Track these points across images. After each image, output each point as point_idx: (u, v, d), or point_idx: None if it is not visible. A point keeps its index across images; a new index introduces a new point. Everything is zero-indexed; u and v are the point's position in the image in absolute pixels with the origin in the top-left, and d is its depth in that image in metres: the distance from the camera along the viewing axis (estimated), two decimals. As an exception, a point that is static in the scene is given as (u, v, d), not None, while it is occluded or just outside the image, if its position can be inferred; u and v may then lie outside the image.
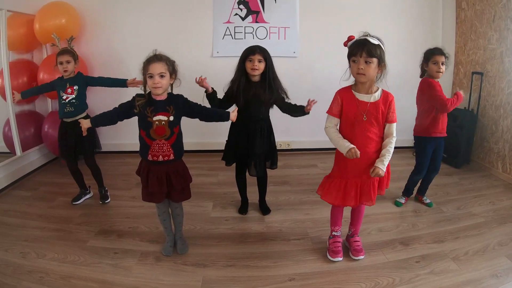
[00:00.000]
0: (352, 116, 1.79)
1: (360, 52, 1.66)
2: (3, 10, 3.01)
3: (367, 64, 1.67)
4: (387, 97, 1.79)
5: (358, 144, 1.78)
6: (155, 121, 1.82)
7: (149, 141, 1.85)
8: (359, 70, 1.68)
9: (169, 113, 1.84)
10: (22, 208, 2.70)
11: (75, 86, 2.59)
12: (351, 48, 1.72)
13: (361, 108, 1.77)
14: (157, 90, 1.80)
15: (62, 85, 2.58)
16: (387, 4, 3.88)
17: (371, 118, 1.78)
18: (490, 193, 2.97)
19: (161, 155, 1.87)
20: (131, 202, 2.80)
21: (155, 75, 1.78)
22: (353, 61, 1.71)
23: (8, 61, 3.15)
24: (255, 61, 2.22)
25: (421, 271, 1.93)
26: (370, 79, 1.73)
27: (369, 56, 1.65)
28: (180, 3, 3.77)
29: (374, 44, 1.66)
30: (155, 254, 2.10)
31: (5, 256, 2.07)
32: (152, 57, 1.82)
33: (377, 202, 2.69)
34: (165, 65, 1.81)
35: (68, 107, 2.58)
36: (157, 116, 1.82)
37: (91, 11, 3.70)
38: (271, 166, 2.49)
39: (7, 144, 3.32)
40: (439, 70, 2.43)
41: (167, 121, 1.83)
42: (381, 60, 1.69)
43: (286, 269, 1.97)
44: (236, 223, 2.49)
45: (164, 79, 1.80)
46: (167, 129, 1.84)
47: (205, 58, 3.87)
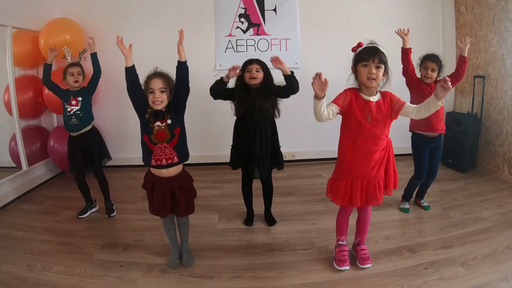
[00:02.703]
0: (359, 115, 1.80)
1: (372, 58, 1.73)
2: (8, 27, 3.08)
3: (377, 69, 1.74)
4: (385, 95, 1.84)
5: (361, 143, 1.82)
6: (155, 126, 1.87)
7: (152, 145, 1.88)
8: (370, 75, 1.74)
9: (165, 118, 1.88)
10: (29, 221, 2.72)
11: (79, 98, 2.63)
12: (362, 54, 1.77)
13: (367, 108, 1.80)
14: (157, 105, 1.86)
15: (67, 97, 2.63)
16: (387, 12, 3.92)
17: (374, 118, 1.80)
18: (497, 197, 2.94)
19: (164, 158, 1.88)
20: (137, 215, 2.81)
21: (156, 90, 1.84)
22: (364, 66, 1.76)
23: (14, 76, 3.21)
24: (253, 70, 2.28)
25: (429, 278, 1.91)
26: (377, 84, 1.79)
27: (380, 62, 1.73)
28: (183, 18, 3.83)
29: (383, 52, 1.76)
30: (161, 267, 2.10)
31: (12, 269, 2.08)
32: (153, 73, 1.91)
33: (383, 210, 2.72)
34: (165, 81, 1.88)
35: (73, 119, 2.61)
36: (156, 123, 1.87)
37: (95, 27, 3.77)
38: (278, 167, 2.48)
39: (13, 159, 3.35)
40: (426, 75, 2.52)
41: (166, 125, 1.88)
42: (386, 67, 1.77)
43: (292, 280, 1.95)
44: (242, 235, 2.48)
45: (164, 94, 1.87)
46: (167, 133, 1.88)
47: (208, 72, 3.88)
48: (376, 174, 1.86)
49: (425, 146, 2.61)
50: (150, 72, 1.93)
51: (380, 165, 1.85)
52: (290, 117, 2.32)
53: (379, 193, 1.88)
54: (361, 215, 2.07)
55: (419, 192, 2.83)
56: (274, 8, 3.83)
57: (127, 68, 1.92)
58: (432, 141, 2.61)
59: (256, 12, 3.82)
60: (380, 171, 1.86)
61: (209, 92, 2.36)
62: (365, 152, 1.82)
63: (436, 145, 2.62)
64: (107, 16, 3.80)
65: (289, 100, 2.41)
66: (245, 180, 2.54)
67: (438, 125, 2.56)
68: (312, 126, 3.88)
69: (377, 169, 1.85)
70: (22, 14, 3.33)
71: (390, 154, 1.89)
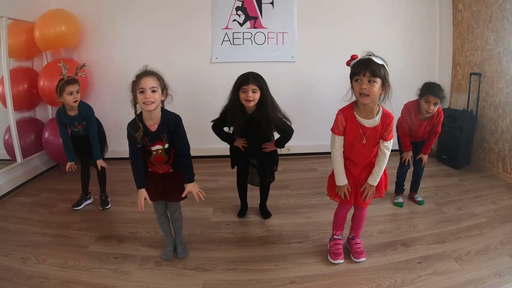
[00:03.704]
0: (352, 137, 1.79)
1: (363, 71, 1.60)
2: (3, 18, 3.04)
3: (370, 84, 1.60)
4: (387, 118, 1.74)
5: (355, 159, 1.85)
6: (153, 150, 1.85)
7: (150, 164, 1.92)
8: (362, 90, 1.61)
9: (163, 142, 1.84)
10: (23, 214, 2.70)
11: (83, 122, 2.61)
12: (354, 68, 1.66)
13: (362, 131, 1.76)
14: (148, 106, 1.73)
15: (70, 122, 2.58)
16: (384, 8, 3.90)
17: (370, 140, 1.79)
18: (491, 193, 2.96)
19: (161, 171, 1.95)
20: (132, 207, 2.79)
21: (147, 90, 1.72)
22: (355, 81, 1.65)
23: (9, 68, 3.18)
24: (249, 92, 2.11)
25: (423, 272, 1.92)
26: (373, 100, 1.66)
27: (372, 76, 1.59)
28: (179, 10, 3.80)
29: (378, 63, 1.60)
30: (155, 259, 2.10)
31: (6, 261, 2.07)
32: (143, 72, 1.77)
33: (378, 205, 2.73)
34: (156, 80, 1.76)
35: (81, 131, 2.64)
36: (154, 147, 1.84)
37: (91, 19, 3.74)
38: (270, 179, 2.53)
39: (7, 151, 3.33)
40: (428, 110, 2.46)
41: (163, 149, 1.86)
42: (385, 81, 1.62)
43: (287, 272, 1.96)
44: (237, 227, 2.48)
45: (156, 94, 1.74)
46: (164, 156, 1.88)
47: (204, 64, 3.89)
48: (366, 177, 1.90)
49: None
50: (140, 70, 1.79)
51: (371, 168, 1.89)
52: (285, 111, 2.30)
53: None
54: (357, 212, 2.08)
55: (412, 184, 2.85)
56: (272, 2, 3.80)
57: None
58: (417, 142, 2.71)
59: (253, 5, 3.79)
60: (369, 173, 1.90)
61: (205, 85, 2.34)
62: (357, 164, 1.87)
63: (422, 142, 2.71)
64: (103, 8, 3.76)
65: (284, 94, 2.40)
66: (239, 173, 2.55)
67: (424, 135, 2.66)
68: (307, 120, 3.90)
69: (367, 173, 1.90)
70: (17, 5, 3.29)
71: None
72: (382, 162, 1.83)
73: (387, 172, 1.94)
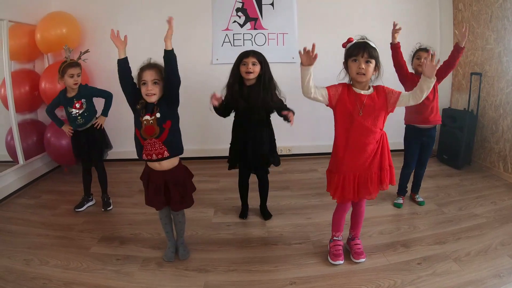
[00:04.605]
0: (350, 108, 1.81)
1: (362, 52, 1.73)
2: (4, 21, 3.05)
3: (367, 64, 1.74)
4: (378, 88, 1.83)
5: (354, 137, 1.83)
6: (143, 121, 1.84)
7: (142, 140, 1.87)
8: (359, 70, 1.74)
9: (155, 112, 1.84)
10: (25, 216, 2.72)
11: (82, 100, 2.60)
12: (351, 49, 1.78)
13: (359, 101, 1.80)
14: (150, 97, 1.81)
15: (68, 102, 2.59)
16: (385, 8, 3.90)
17: (367, 112, 1.80)
18: (492, 193, 2.96)
19: (154, 153, 1.86)
20: (133, 209, 2.82)
21: (149, 82, 1.80)
22: (353, 61, 1.77)
23: (10, 70, 3.19)
24: (249, 64, 2.20)
25: (422, 273, 1.93)
26: (368, 79, 1.79)
27: (369, 57, 1.73)
28: (180, 11, 3.80)
29: (373, 46, 1.76)
30: (157, 260, 2.11)
31: (9, 263, 2.09)
32: (146, 64, 1.85)
33: (377, 205, 2.74)
34: (158, 73, 1.83)
35: (79, 119, 2.61)
36: (144, 117, 1.84)
37: (91, 21, 3.75)
38: (274, 163, 2.47)
39: (9, 153, 3.35)
40: (420, 64, 2.55)
41: (154, 119, 1.84)
42: (377, 62, 1.77)
43: (287, 273, 1.97)
44: (238, 228, 2.49)
45: (157, 86, 1.82)
46: (156, 127, 1.84)
47: (205, 65, 3.90)
48: (369, 167, 1.86)
49: (416, 138, 2.67)
50: (143, 63, 1.88)
51: (374, 158, 1.86)
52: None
53: (371, 187, 1.88)
54: (355, 209, 2.09)
55: (413, 185, 2.85)
56: (272, 3, 3.81)
57: (119, 60, 1.88)
58: (425, 133, 2.65)
59: (253, 6, 3.80)
60: (373, 165, 1.87)
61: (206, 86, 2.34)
62: (358, 146, 1.83)
63: (428, 138, 2.66)
64: (104, 10, 3.77)
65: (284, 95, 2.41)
66: (241, 175, 2.55)
67: (430, 117, 2.60)
68: (308, 120, 3.90)
69: (370, 162, 1.86)
70: (18, 8, 3.31)
71: (385, 147, 1.88)
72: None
73: (393, 165, 1.92)
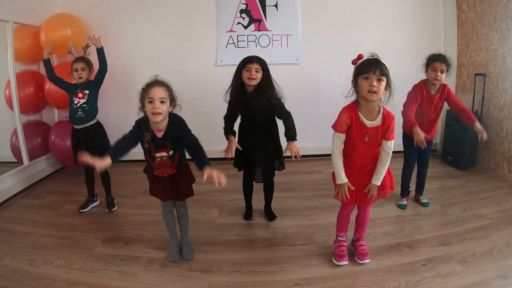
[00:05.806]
0: (356, 136, 1.81)
1: (373, 70, 1.67)
2: (9, 22, 3.08)
3: (379, 82, 1.68)
4: (387, 118, 1.79)
5: (357, 158, 1.85)
6: (157, 157, 1.85)
7: (155, 168, 1.92)
8: (371, 88, 1.67)
9: (168, 149, 1.84)
10: (30, 216, 2.73)
11: (85, 91, 2.65)
12: (362, 66, 1.72)
13: (365, 130, 1.80)
14: (156, 117, 1.72)
15: (74, 90, 2.66)
16: (389, 9, 3.90)
17: (372, 139, 1.82)
18: (496, 194, 2.95)
19: (165, 173, 1.95)
20: (137, 209, 2.83)
21: (156, 100, 1.71)
22: (364, 78, 1.70)
23: (15, 72, 3.22)
24: (252, 70, 2.21)
25: (427, 274, 1.92)
26: (379, 97, 1.73)
27: (381, 75, 1.67)
28: (184, 13, 3.83)
29: (384, 64, 1.70)
30: (161, 261, 2.12)
31: (13, 263, 2.10)
32: (153, 81, 1.77)
33: (382, 207, 2.73)
34: (166, 91, 1.76)
35: (79, 112, 2.63)
36: (159, 153, 1.84)
37: (96, 22, 3.76)
38: (279, 168, 2.48)
39: (14, 154, 3.37)
40: (436, 77, 2.42)
41: (168, 156, 1.86)
42: (388, 79, 1.71)
43: (291, 274, 1.97)
44: (242, 230, 2.49)
45: (164, 105, 1.74)
46: (168, 162, 1.88)
47: (209, 67, 3.91)
48: (369, 178, 1.90)
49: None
50: (150, 79, 1.79)
51: (373, 168, 1.89)
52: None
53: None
54: (360, 212, 2.09)
55: (417, 186, 2.84)
56: (275, 4, 3.82)
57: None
58: None
59: (257, 8, 3.81)
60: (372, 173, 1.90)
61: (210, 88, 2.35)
62: (359, 167, 1.88)
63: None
64: (108, 11, 3.79)
65: (288, 96, 2.41)
66: (246, 176, 2.55)
67: (429, 134, 2.59)
68: (312, 121, 3.90)
69: (370, 174, 1.90)
70: (23, 9, 3.32)
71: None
72: (385, 161, 1.84)
73: (391, 171, 1.94)
